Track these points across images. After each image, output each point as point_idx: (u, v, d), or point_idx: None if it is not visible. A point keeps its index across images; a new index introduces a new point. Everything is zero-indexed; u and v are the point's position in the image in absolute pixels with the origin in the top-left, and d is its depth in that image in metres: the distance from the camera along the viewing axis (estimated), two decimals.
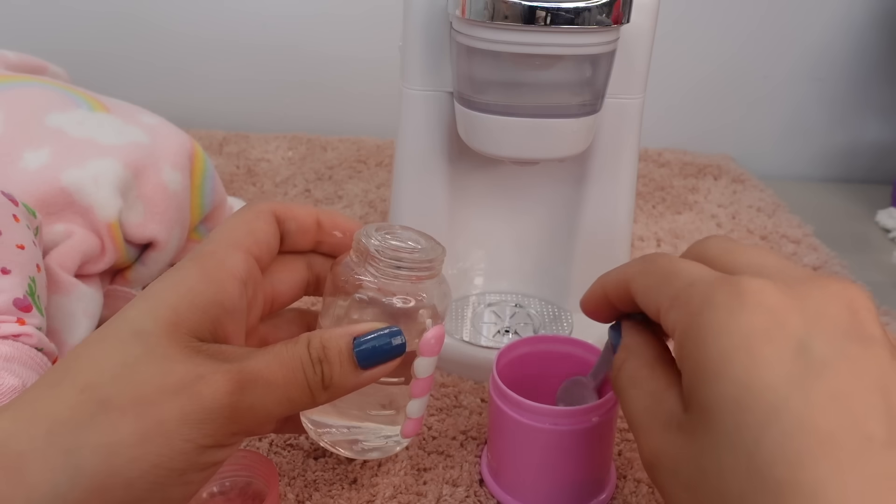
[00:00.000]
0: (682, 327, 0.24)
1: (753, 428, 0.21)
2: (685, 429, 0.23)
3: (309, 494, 0.36)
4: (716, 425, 0.22)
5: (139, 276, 0.50)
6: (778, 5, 0.81)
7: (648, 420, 0.25)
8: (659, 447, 0.24)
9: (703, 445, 0.22)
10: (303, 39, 0.83)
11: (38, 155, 0.46)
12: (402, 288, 0.30)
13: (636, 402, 0.27)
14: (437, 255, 0.30)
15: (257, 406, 0.25)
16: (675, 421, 0.24)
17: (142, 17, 0.81)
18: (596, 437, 0.34)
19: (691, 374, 0.23)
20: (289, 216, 0.31)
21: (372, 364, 0.27)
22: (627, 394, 0.27)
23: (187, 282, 0.26)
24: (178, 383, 0.24)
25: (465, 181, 0.48)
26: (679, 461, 0.23)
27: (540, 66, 0.38)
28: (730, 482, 0.21)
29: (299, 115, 0.86)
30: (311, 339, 0.27)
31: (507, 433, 0.35)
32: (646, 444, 0.25)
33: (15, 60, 0.58)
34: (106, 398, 0.23)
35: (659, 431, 0.25)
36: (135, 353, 0.24)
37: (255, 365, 0.25)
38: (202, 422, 0.24)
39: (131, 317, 0.25)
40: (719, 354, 0.22)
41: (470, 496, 0.37)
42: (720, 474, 0.22)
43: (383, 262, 0.29)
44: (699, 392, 0.23)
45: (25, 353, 0.35)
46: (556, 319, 0.48)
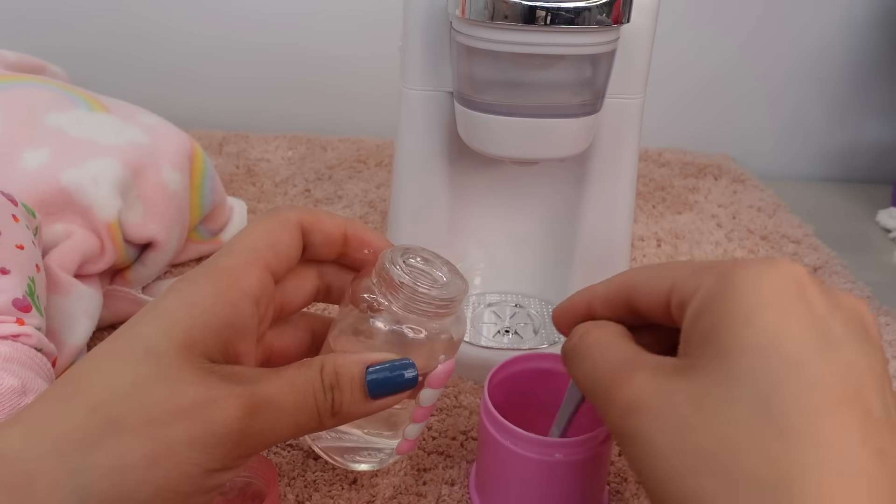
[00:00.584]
0: (710, 283, 0.24)
1: (775, 376, 0.21)
2: (686, 371, 0.23)
3: (309, 495, 0.36)
4: (734, 367, 0.22)
5: (139, 276, 0.50)
6: (777, 5, 0.81)
7: (629, 369, 0.25)
8: (644, 391, 0.24)
9: (710, 385, 0.22)
10: (303, 39, 0.83)
11: (37, 155, 0.46)
12: (418, 320, 0.29)
13: (607, 359, 0.26)
14: (458, 293, 0.30)
15: (266, 431, 0.25)
16: (669, 366, 0.24)
17: (141, 17, 0.81)
18: (597, 463, 0.33)
19: (715, 320, 0.23)
20: (315, 228, 0.31)
21: (382, 394, 0.27)
22: (593, 354, 0.27)
23: (202, 303, 0.26)
24: (189, 406, 0.23)
25: (465, 181, 0.48)
26: (668, 404, 0.23)
27: (540, 65, 0.38)
28: (737, 425, 0.21)
29: (299, 115, 0.86)
30: (324, 364, 0.27)
31: (500, 462, 0.33)
32: (625, 391, 0.24)
33: (14, 60, 0.58)
34: (116, 419, 0.23)
35: (646, 376, 0.24)
36: (147, 374, 0.24)
37: (268, 389, 0.25)
38: (211, 446, 0.23)
39: (144, 333, 0.25)
40: (752, 303, 0.23)
41: (467, 495, 0.37)
42: (726, 417, 0.22)
43: (403, 295, 0.29)
44: (722, 336, 0.23)
45: (25, 354, 0.35)
46: None
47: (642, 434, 0.23)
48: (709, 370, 0.23)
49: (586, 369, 0.27)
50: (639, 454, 0.24)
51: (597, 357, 0.27)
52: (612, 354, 0.27)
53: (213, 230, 0.57)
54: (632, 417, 0.24)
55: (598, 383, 0.26)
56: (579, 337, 0.29)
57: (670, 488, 0.22)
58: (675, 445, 0.22)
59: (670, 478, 0.22)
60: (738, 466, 0.21)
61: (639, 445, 0.24)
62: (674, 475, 0.22)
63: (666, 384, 0.24)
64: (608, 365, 0.26)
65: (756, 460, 0.21)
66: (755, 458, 0.21)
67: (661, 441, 0.23)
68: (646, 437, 0.23)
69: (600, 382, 0.26)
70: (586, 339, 0.28)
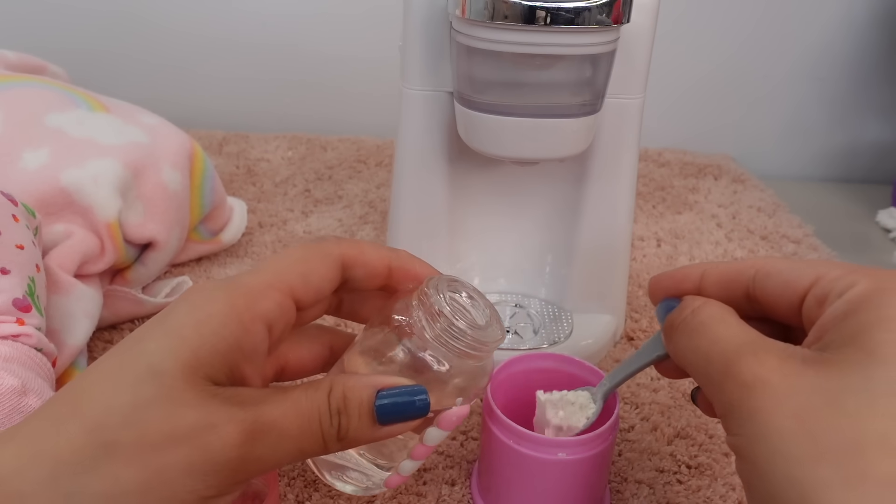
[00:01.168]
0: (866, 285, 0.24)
1: None
2: (817, 365, 0.23)
3: (309, 495, 0.36)
4: (881, 372, 0.22)
5: (139, 276, 0.50)
6: (778, 5, 0.81)
7: (754, 348, 0.25)
8: (769, 373, 0.24)
9: (848, 385, 0.22)
10: (302, 39, 0.83)
11: (37, 155, 0.46)
12: (445, 354, 0.29)
13: (730, 334, 0.26)
14: (493, 340, 0.29)
15: (266, 456, 0.24)
16: (800, 355, 0.24)
17: (141, 17, 0.81)
18: (600, 462, 0.33)
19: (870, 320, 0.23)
20: (358, 262, 0.30)
21: (391, 421, 0.26)
22: (715, 327, 0.27)
23: (212, 323, 0.25)
24: (188, 432, 0.23)
25: (465, 181, 0.48)
26: (796, 390, 0.23)
27: (540, 65, 0.38)
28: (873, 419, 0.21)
29: (299, 115, 0.86)
30: (333, 386, 0.26)
31: (505, 462, 0.33)
32: (750, 368, 0.24)
33: (14, 60, 0.58)
34: (112, 442, 0.22)
35: (775, 359, 0.24)
36: (147, 395, 0.23)
37: (271, 413, 0.24)
38: (207, 473, 0.23)
39: (150, 350, 0.24)
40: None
41: (468, 496, 0.37)
42: (861, 415, 0.21)
43: (439, 325, 0.28)
44: (873, 336, 0.23)
45: (25, 354, 0.35)
46: (556, 319, 0.48)
47: (762, 412, 0.23)
48: (851, 369, 0.22)
49: (701, 344, 0.27)
50: (752, 432, 0.23)
51: (716, 332, 0.26)
52: (733, 331, 0.26)
53: (213, 230, 0.57)
54: (754, 394, 0.24)
55: (716, 358, 0.26)
56: (693, 310, 0.28)
57: (780, 469, 0.22)
58: (797, 430, 0.22)
59: (784, 459, 0.22)
60: (867, 463, 0.21)
61: (754, 423, 0.23)
62: (789, 457, 0.22)
63: (797, 371, 0.23)
64: (730, 341, 0.26)
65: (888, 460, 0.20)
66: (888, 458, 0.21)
67: (782, 422, 0.23)
68: (765, 417, 0.23)
69: (719, 357, 0.26)
70: (701, 313, 0.27)
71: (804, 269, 0.27)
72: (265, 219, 0.63)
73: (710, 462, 0.39)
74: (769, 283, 0.27)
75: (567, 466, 0.32)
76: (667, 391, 0.45)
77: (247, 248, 0.58)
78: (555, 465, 0.32)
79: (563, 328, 0.47)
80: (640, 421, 0.42)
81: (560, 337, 0.46)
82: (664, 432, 0.41)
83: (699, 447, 0.40)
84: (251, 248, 0.58)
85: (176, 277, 0.52)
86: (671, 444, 0.41)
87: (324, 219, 0.63)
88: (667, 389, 0.45)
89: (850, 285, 0.24)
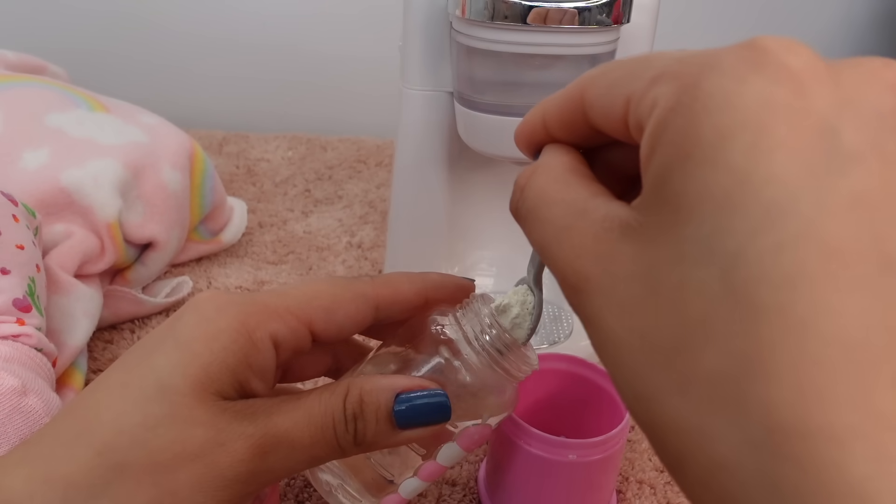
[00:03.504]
0: (666, 101, 0.17)
1: (740, 232, 0.15)
2: (634, 233, 0.18)
3: (309, 494, 0.36)
4: (687, 226, 0.16)
5: (139, 276, 0.50)
6: (777, 5, 0.81)
7: (570, 235, 0.19)
8: (589, 263, 0.18)
9: (662, 253, 0.17)
10: (302, 39, 0.83)
11: (37, 155, 0.46)
12: (482, 368, 0.27)
13: (549, 221, 0.20)
14: (534, 364, 0.29)
15: (277, 467, 0.24)
16: (617, 225, 0.18)
17: (141, 17, 0.81)
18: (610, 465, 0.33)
19: (668, 159, 0.17)
20: (393, 301, 0.28)
21: (410, 426, 0.25)
22: (537, 213, 0.21)
23: (222, 338, 0.24)
24: (198, 450, 0.23)
25: (465, 181, 0.48)
26: (618, 276, 0.18)
27: (540, 65, 0.38)
28: (692, 303, 0.16)
29: (299, 115, 0.86)
30: (349, 390, 0.25)
31: (514, 462, 0.33)
32: (568, 264, 0.19)
33: (14, 60, 0.58)
34: (122, 464, 0.22)
35: (589, 243, 0.19)
36: (157, 414, 0.23)
37: (282, 424, 0.24)
38: (217, 489, 0.23)
39: (160, 366, 0.24)
40: (716, 132, 0.16)
41: (468, 496, 0.37)
42: (680, 292, 0.16)
43: (489, 336, 0.27)
44: (674, 181, 0.17)
45: (25, 354, 0.35)
46: (556, 319, 0.48)
47: (595, 316, 0.18)
48: (662, 232, 0.17)
49: (535, 236, 0.21)
50: (594, 340, 0.19)
51: (542, 216, 0.21)
52: (556, 210, 0.20)
53: (213, 230, 0.57)
54: (580, 296, 0.19)
55: (546, 251, 0.20)
56: (521, 191, 0.22)
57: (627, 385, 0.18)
58: (627, 333, 0.17)
59: (624, 371, 0.18)
60: (693, 360, 0.16)
61: (592, 330, 0.19)
62: (627, 369, 0.18)
63: (613, 252, 0.18)
64: (553, 226, 0.20)
65: (712, 352, 0.15)
66: (712, 350, 0.15)
67: (615, 325, 0.18)
68: (598, 322, 0.18)
69: (548, 251, 0.20)
70: (528, 193, 0.21)
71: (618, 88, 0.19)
72: (265, 219, 0.63)
73: None
74: (595, 114, 0.21)
75: (577, 468, 0.32)
76: None
77: (247, 248, 0.58)
78: (564, 466, 0.32)
79: (563, 328, 0.47)
80: None
81: (560, 337, 0.46)
82: None
83: None
84: (251, 249, 0.58)
85: (176, 277, 0.52)
86: None
87: (324, 219, 0.63)
88: None
89: (651, 106, 0.17)
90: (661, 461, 0.18)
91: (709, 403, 0.15)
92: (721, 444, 0.15)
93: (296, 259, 0.57)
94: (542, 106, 0.24)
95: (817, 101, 0.16)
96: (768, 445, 0.14)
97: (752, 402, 0.15)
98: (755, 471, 0.14)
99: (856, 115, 0.16)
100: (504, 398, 0.29)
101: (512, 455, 0.33)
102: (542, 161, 0.23)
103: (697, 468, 0.16)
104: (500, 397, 0.29)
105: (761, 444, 0.14)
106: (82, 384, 0.41)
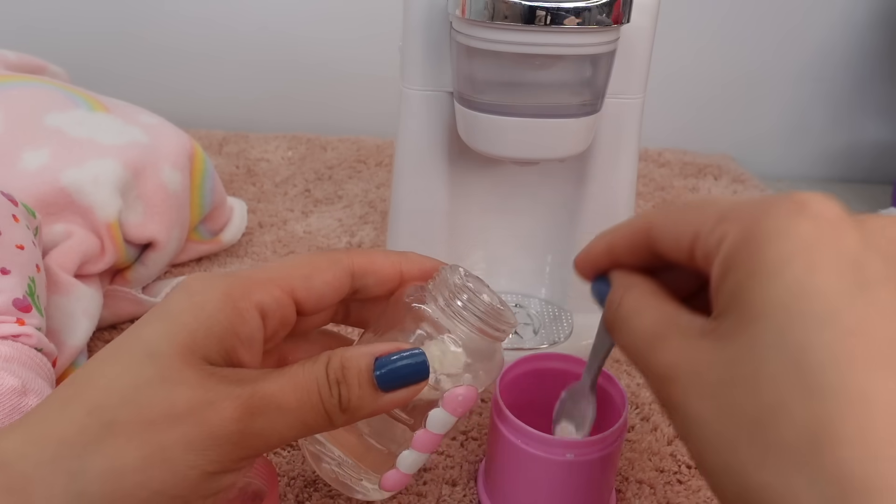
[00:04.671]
0: (734, 236, 0.23)
1: (805, 330, 0.20)
2: (715, 334, 0.22)
3: (309, 494, 0.36)
4: (762, 328, 0.21)
5: (139, 276, 0.50)
6: (778, 5, 0.81)
7: (661, 336, 0.24)
8: (676, 357, 0.23)
9: (739, 349, 0.21)
10: (302, 39, 0.83)
11: (37, 155, 0.46)
12: (461, 333, 0.28)
13: (643, 326, 0.25)
14: (512, 321, 0.29)
15: (267, 431, 0.25)
16: (698, 329, 0.23)
17: (141, 17, 0.81)
18: (608, 464, 0.33)
19: (740, 277, 0.22)
20: (368, 271, 0.30)
21: (393, 387, 0.26)
22: (631, 322, 0.26)
23: (208, 308, 0.25)
24: (186, 409, 0.23)
25: (465, 181, 0.48)
26: (702, 368, 0.22)
27: (540, 65, 0.38)
28: (768, 386, 0.20)
29: (299, 115, 0.86)
30: (331, 357, 0.26)
31: (512, 462, 0.33)
32: (659, 359, 0.24)
33: (14, 60, 0.58)
34: (113, 421, 0.23)
35: (678, 341, 0.23)
36: (146, 376, 0.24)
37: (268, 388, 0.25)
38: (208, 448, 0.23)
39: (146, 336, 0.25)
40: (778, 256, 0.21)
41: (468, 496, 0.37)
42: (756, 378, 0.20)
43: (464, 301, 0.28)
44: (748, 294, 0.21)
45: (25, 354, 0.35)
46: (556, 319, 0.48)
47: (681, 402, 0.22)
48: (738, 333, 0.21)
49: (627, 340, 0.26)
50: (682, 424, 0.23)
51: (634, 325, 0.26)
52: (647, 321, 0.25)
53: (213, 230, 0.57)
54: (670, 385, 0.23)
55: (639, 352, 0.25)
56: (616, 307, 0.27)
57: (711, 456, 0.21)
58: (715, 412, 0.21)
59: (712, 446, 0.21)
60: (774, 433, 0.20)
61: (679, 414, 0.23)
62: (715, 443, 0.21)
63: (698, 349, 0.22)
64: (644, 333, 0.25)
65: (789, 425, 0.19)
66: (788, 423, 0.19)
67: (700, 408, 0.22)
68: (685, 406, 0.22)
69: (640, 352, 0.25)
70: (622, 308, 0.27)
71: (685, 222, 0.25)
72: (265, 219, 0.63)
73: None
74: (662, 246, 0.26)
75: (574, 467, 0.32)
76: None
77: (247, 248, 0.58)
78: (562, 465, 0.32)
79: (563, 328, 0.47)
80: (640, 421, 0.42)
81: (560, 337, 0.46)
82: (664, 432, 0.41)
83: None
84: (251, 248, 0.58)
85: (176, 277, 0.52)
86: (671, 444, 0.41)
87: (324, 219, 0.63)
88: None
89: (721, 239, 0.23)
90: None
91: (789, 467, 0.19)
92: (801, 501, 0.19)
93: None
94: (605, 236, 0.29)
95: (846, 239, 0.21)
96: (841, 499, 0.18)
97: (826, 463, 0.18)
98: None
99: (876, 252, 0.21)
100: (487, 360, 0.29)
101: (510, 454, 0.33)
102: (629, 282, 0.27)
103: None
104: (483, 359, 0.29)
105: (835, 499, 0.18)
106: None
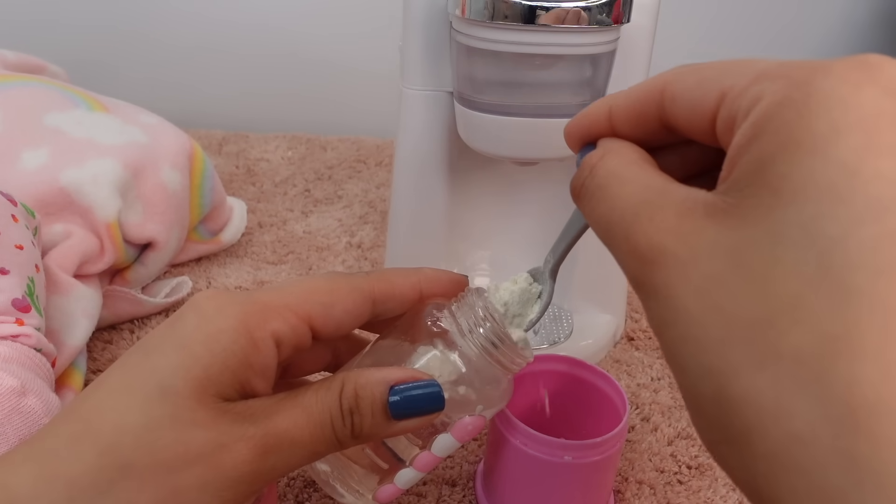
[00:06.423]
0: (774, 96, 0.18)
1: (842, 221, 0.16)
2: (724, 213, 0.18)
3: (308, 495, 0.36)
4: (793, 211, 0.17)
5: (138, 277, 0.50)
6: (778, 5, 0.81)
7: (650, 207, 0.20)
8: (667, 237, 0.19)
9: (756, 233, 0.17)
10: (302, 39, 0.83)
11: (36, 155, 0.46)
12: (477, 359, 0.28)
13: (625, 194, 0.21)
14: (529, 357, 0.29)
15: (280, 466, 0.25)
16: (701, 205, 0.19)
17: (141, 17, 0.81)
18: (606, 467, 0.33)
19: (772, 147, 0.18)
20: (389, 296, 0.29)
21: (405, 417, 0.26)
22: (610, 189, 0.22)
23: (223, 339, 0.24)
24: (200, 451, 0.23)
25: (465, 181, 0.48)
26: (700, 253, 0.18)
27: (540, 65, 0.38)
28: (784, 281, 0.16)
29: (299, 115, 0.86)
30: (344, 385, 0.26)
31: (511, 463, 0.33)
32: (643, 236, 0.20)
33: (14, 60, 0.58)
34: (126, 464, 0.23)
35: (672, 218, 0.19)
36: (159, 415, 0.23)
37: (282, 424, 0.24)
38: (222, 490, 0.23)
39: (160, 367, 0.24)
40: (829, 128, 0.17)
41: (468, 496, 0.37)
42: (773, 270, 0.17)
43: (485, 329, 0.28)
44: (781, 168, 0.17)
45: (24, 354, 0.35)
46: (557, 319, 0.48)
47: (665, 290, 0.19)
48: (757, 214, 0.17)
49: (601, 210, 0.22)
50: (660, 314, 0.19)
51: (614, 193, 0.21)
52: (631, 188, 0.21)
53: (212, 230, 0.57)
54: (654, 269, 0.19)
55: (615, 226, 0.21)
56: (591, 169, 0.23)
57: (690, 356, 0.18)
58: (703, 307, 0.18)
59: (695, 344, 0.18)
60: (777, 337, 0.16)
61: (660, 303, 0.19)
62: (699, 343, 0.18)
63: (697, 229, 0.19)
64: (627, 202, 0.21)
65: (800, 329, 0.16)
66: (799, 326, 0.16)
67: (688, 301, 0.18)
68: (669, 295, 0.19)
69: (618, 225, 0.21)
70: (599, 171, 0.22)
71: (712, 81, 0.20)
72: (265, 219, 0.63)
73: (711, 463, 0.39)
74: (677, 108, 0.21)
75: (573, 470, 0.32)
76: (667, 391, 0.45)
77: (246, 248, 0.58)
78: (561, 467, 0.32)
79: (563, 328, 0.47)
80: (640, 421, 0.42)
81: (560, 337, 0.46)
82: (665, 433, 0.41)
83: (700, 448, 0.40)
84: (251, 248, 0.58)
85: (176, 277, 0.52)
86: (672, 444, 0.41)
87: (324, 219, 0.63)
88: (667, 390, 0.45)
89: (756, 99, 0.18)
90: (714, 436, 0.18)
91: (790, 379, 0.16)
92: (798, 418, 0.16)
93: (295, 259, 0.57)
94: (609, 99, 0.24)
95: None
96: (848, 421, 0.15)
97: (835, 379, 0.15)
98: (831, 446, 0.15)
99: None
100: (498, 390, 0.29)
101: (509, 456, 0.33)
102: (613, 146, 0.23)
103: (769, 441, 0.16)
104: (495, 389, 0.29)
105: (841, 420, 0.15)
106: (81, 384, 0.41)
